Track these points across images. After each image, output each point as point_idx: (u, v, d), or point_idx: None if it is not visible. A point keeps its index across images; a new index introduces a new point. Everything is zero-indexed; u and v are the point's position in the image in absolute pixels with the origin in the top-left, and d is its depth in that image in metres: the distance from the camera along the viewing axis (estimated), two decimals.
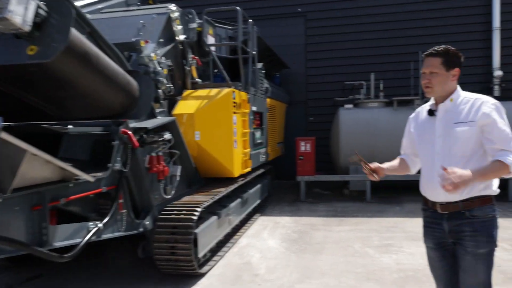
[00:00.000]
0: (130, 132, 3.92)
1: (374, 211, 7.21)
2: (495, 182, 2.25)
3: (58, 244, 3.20)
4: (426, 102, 2.52)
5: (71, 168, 2.93)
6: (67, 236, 3.37)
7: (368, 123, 8.26)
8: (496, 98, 9.17)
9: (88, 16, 5.93)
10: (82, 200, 3.68)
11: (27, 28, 2.25)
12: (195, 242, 4.41)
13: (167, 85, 5.27)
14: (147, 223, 4.36)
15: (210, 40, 6.76)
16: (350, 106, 8.75)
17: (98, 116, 3.70)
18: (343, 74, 9.99)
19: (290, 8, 10.49)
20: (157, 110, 4.88)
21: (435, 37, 9.85)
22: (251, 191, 6.79)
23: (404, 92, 9.31)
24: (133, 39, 4.80)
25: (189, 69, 6.00)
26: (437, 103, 2.37)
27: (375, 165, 2.53)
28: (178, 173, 4.83)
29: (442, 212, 2.29)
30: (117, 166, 3.85)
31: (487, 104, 2.21)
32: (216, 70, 6.71)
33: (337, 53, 10.17)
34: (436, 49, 2.28)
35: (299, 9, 10.47)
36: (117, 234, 3.98)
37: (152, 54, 4.87)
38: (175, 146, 4.88)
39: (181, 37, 5.80)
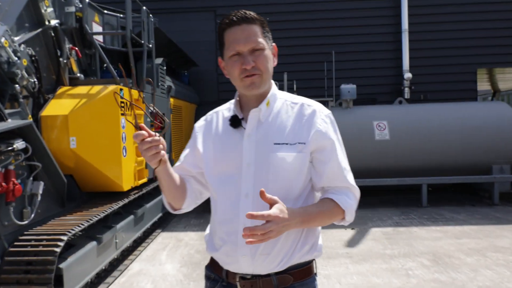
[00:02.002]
0: None
1: None
2: (319, 236, 1.49)
3: None
4: (341, 104, 1.66)
5: None
6: None
7: None
8: (406, 100, 8.97)
9: None
10: None
11: None
12: (59, 280, 3.44)
13: (30, 80, 4.21)
14: None
15: (97, 28, 5.75)
16: None
17: None
18: None
19: (199, 2, 9.70)
20: (9, 111, 3.80)
21: (348, 37, 9.72)
22: (149, 204, 5.87)
23: (318, 93, 8.99)
24: None
25: (65, 61, 4.95)
26: (243, 108, 1.46)
27: (159, 148, 1.33)
28: (40, 191, 3.80)
29: None
30: None
31: (321, 115, 1.42)
32: (106, 65, 5.72)
33: None
34: (246, 12, 1.39)
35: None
36: None
37: (2, 39, 3.79)
38: (36, 157, 3.85)
39: (53, 21, 4.74)
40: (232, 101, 1.53)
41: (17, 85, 4.03)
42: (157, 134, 1.33)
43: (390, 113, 7.86)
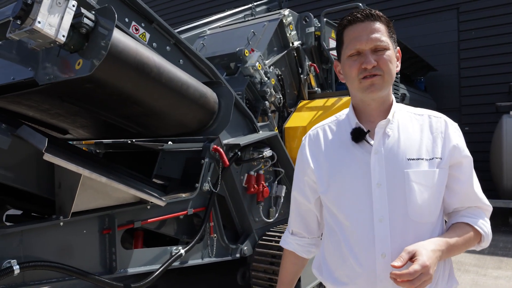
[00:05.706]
0: (221, 150, 3.59)
1: None
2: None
3: (132, 270, 2.99)
4: None
5: (134, 191, 2.68)
6: (145, 262, 3.17)
7: None
8: None
9: (208, 32, 5.96)
10: (170, 221, 3.49)
11: (61, 39, 2.04)
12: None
13: (277, 96, 4.85)
14: (245, 248, 3.96)
15: (333, 44, 6.11)
16: None
17: (177, 133, 3.46)
18: (509, 73, 8.04)
19: (437, 2, 9.01)
20: (260, 124, 4.47)
21: None
22: None
23: None
24: (237, 49, 4.51)
25: (305, 77, 5.48)
26: (360, 118, 1.36)
27: None
28: (283, 194, 4.31)
29: None
30: (206, 186, 3.55)
31: (452, 127, 1.32)
32: None
33: (500, 48, 8.26)
34: (371, 10, 1.27)
35: None
36: (206, 260, 3.66)
37: (257, 64, 4.50)
38: (280, 163, 4.38)
39: (296, 43, 5.32)
40: (341, 113, 1.45)
41: (266, 102, 4.71)
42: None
43: None
